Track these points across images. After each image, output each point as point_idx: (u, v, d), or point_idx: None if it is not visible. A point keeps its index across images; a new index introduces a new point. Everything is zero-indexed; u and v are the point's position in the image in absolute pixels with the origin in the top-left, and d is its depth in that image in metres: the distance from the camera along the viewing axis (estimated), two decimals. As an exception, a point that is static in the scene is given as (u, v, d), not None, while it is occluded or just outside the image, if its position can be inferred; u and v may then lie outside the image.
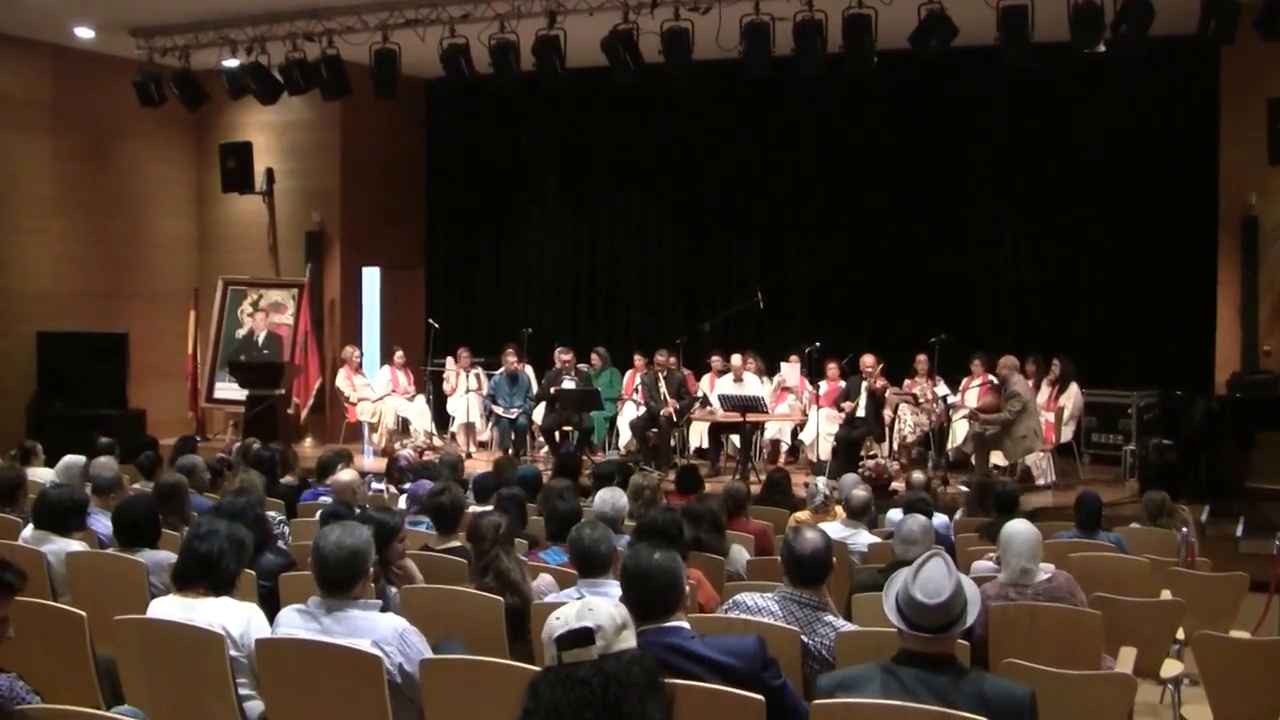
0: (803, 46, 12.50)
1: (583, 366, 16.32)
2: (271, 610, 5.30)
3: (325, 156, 18.27)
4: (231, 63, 15.49)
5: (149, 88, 15.84)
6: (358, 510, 7.68)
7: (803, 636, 5.28)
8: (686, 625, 4.50)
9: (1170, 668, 7.21)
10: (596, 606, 3.18)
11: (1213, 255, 14.72)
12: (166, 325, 18.23)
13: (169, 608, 5.23)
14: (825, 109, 17.04)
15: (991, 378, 14.22)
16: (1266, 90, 13.52)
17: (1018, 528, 6.49)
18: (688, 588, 4.69)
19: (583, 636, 3.09)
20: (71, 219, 17.26)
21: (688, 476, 10.33)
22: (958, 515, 10.70)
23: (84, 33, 16.12)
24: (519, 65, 13.79)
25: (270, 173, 18.30)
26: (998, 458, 14.14)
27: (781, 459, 15.91)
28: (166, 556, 6.34)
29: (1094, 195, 16.23)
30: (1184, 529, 9.47)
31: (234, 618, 5.11)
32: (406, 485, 9.93)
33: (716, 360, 16.18)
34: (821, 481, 10.02)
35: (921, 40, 12.33)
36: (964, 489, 12.53)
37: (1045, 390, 14.90)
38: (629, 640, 3.18)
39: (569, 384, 15.73)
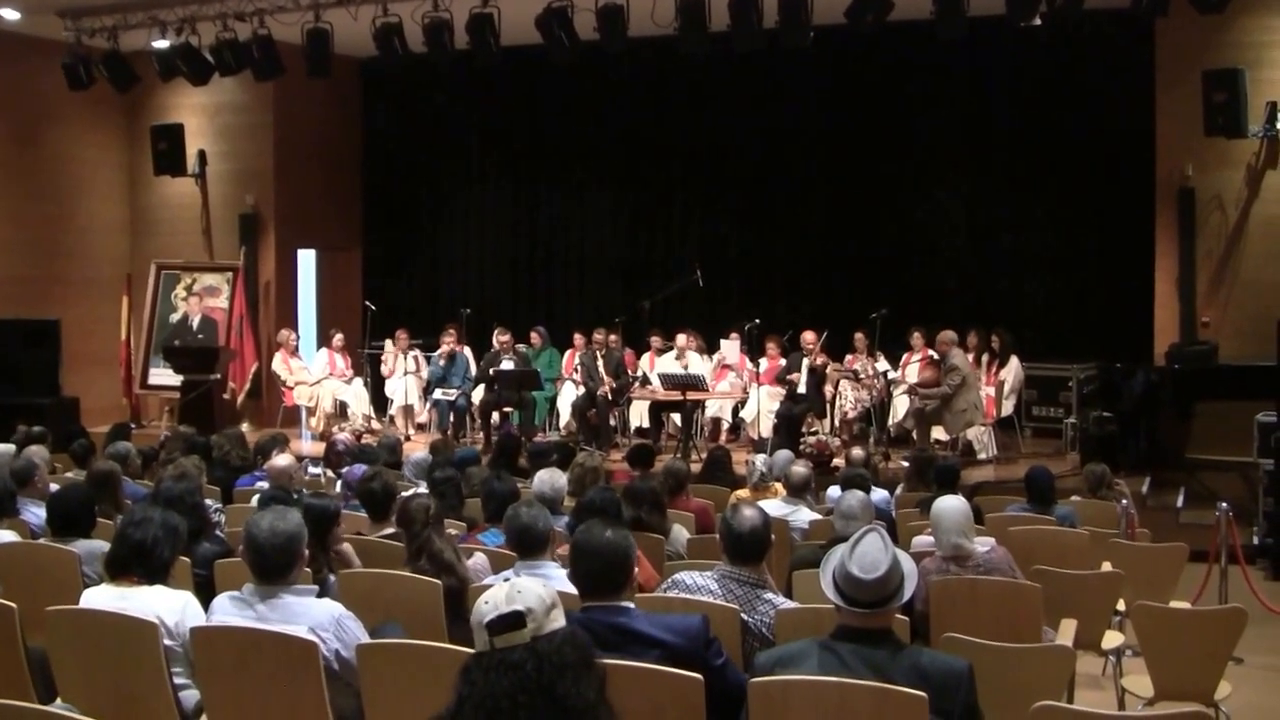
0: (739, 22, 12.49)
1: (521, 347, 16.20)
2: (208, 598, 5.23)
3: (258, 138, 18.08)
4: (161, 44, 15.30)
5: (78, 70, 15.61)
6: (295, 495, 7.58)
7: (742, 614, 5.27)
8: (633, 605, 4.50)
9: (1111, 639, 7.27)
10: (525, 588, 3.12)
11: (1150, 227, 14.80)
12: (99, 311, 17.99)
13: (102, 597, 5.15)
14: (762, 85, 17.05)
15: (931, 353, 14.26)
16: (1201, 62, 13.67)
17: (947, 504, 6.48)
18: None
19: (513, 620, 3.03)
20: (0, 204, 16.98)
21: (640, 453, 10.33)
22: (899, 490, 10.72)
23: (9, 14, 15.83)
24: (453, 44, 13.69)
25: (203, 155, 18.10)
26: (939, 432, 14.21)
27: (723, 437, 15.90)
28: (100, 545, 6.23)
29: (1031, 169, 16.30)
30: (1124, 500, 9.53)
31: (168, 606, 5.04)
32: (344, 469, 9.84)
33: (656, 339, 16.14)
34: (760, 459, 10.02)
35: (857, 15, 12.36)
36: (905, 464, 12.57)
37: (985, 364, 14.93)
38: (559, 620, 3.13)
39: (508, 364, 15.62)
